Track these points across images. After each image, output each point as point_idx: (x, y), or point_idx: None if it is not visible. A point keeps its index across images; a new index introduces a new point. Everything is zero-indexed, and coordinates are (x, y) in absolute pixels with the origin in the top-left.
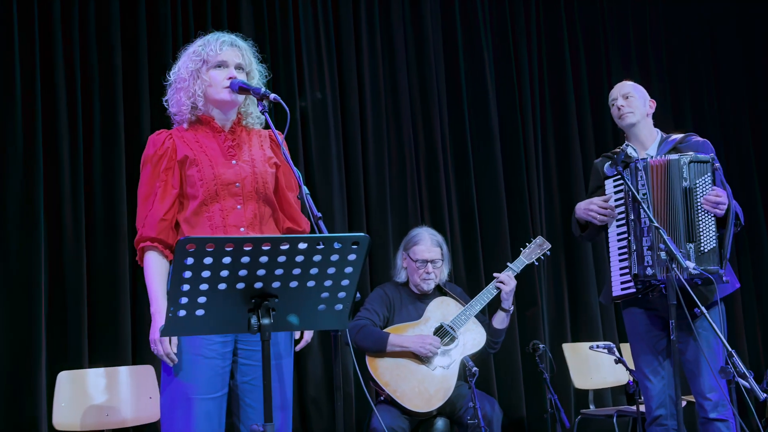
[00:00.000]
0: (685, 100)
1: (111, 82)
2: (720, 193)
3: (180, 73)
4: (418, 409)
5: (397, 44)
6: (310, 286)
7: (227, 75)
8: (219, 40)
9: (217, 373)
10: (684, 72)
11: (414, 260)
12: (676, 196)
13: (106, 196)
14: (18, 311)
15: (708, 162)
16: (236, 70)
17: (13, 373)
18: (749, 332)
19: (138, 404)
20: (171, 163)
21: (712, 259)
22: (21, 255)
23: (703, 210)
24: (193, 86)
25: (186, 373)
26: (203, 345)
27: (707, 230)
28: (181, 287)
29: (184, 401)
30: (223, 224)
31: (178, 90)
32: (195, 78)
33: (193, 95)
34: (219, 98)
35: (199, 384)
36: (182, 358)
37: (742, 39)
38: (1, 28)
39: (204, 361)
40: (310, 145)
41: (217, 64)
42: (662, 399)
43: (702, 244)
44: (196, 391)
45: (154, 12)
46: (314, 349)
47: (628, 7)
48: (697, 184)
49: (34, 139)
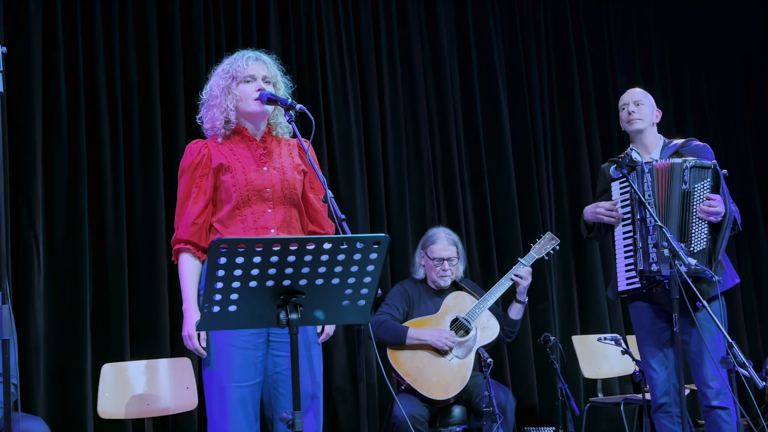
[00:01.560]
0: (686, 104)
1: (149, 96)
2: (714, 204)
3: (212, 91)
4: (436, 397)
5: (415, 57)
6: (335, 283)
7: (256, 87)
8: (245, 56)
9: (250, 362)
10: (685, 77)
11: (431, 258)
12: (674, 197)
13: (145, 200)
14: (65, 309)
15: (709, 168)
16: (263, 82)
17: (61, 366)
18: (749, 325)
19: (176, 394)
20: (206, 170)
21: (701, 259)
22: (67, 256)
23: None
24: (225, 102)
25: (220, 363)
26: (236, 336)
27: (699, 233)
28: (215, 285)
29: (220, 389)
30: (255, 226)
31: (211, 107)
32: (226, 94)
33: (225, 110)
34: (250, 110)
35: (233, 373)
36: (217, 350)
37: (740, 44)
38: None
39: (237, 351)
40: (334, 152)
41: (246, 78)
42: (666, 387)
43: (692, 245)
44: (230, 379)
45: (188, 32)
46: (339, 342)
47: (632, 18)
48: (696, 188)
49: (79, 148)
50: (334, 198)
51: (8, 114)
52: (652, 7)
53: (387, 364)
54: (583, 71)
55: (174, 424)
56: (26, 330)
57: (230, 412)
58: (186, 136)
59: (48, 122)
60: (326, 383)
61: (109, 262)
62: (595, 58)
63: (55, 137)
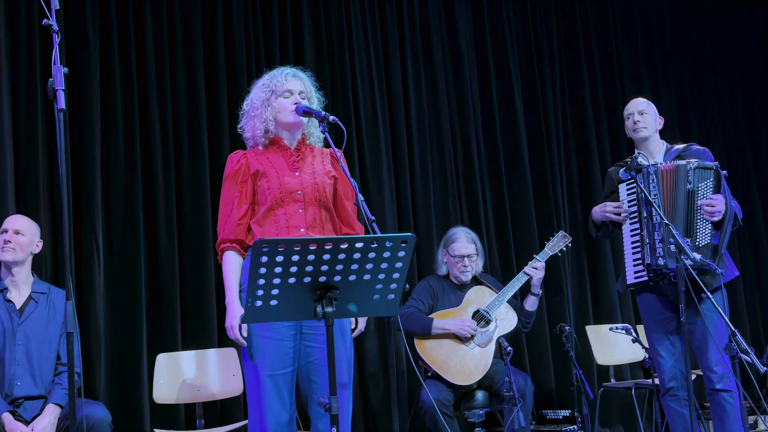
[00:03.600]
0: (689, 108)
1: (196, 111)
2: (715, 204)
3: (253, 103)
4: (460, 383)
5: (438, 72)
6: (366, 279)
7: (293, 101)
8: (284, 72)
9: (285, 353)
10: (687, 83)
11: (453, 256)
12: (680, 196)
13: (193, 205)
14: (122, 304)
15: (711, 169)
16: (299, 96)
17: (119, 356)
18: (750, 314)
19: (224, 381)
20: (245, 177)
21: (706, 253)
22: (124, 257)
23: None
24: (264, 113)
25: (257, 353)
26: (271, 328)
27: (703, 228)
28: (257, 281)
29: (257, 377)
30: (287, 225)
31: (252, 117)
32: (266, 106)
33: (265, 120)
34: (287, 121)
35: (268, 362)
36: (254, 341)
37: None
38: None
39: (272, 343)
40: (364, 159)
41: (284, 92)
42: (674, 373)
43: (697, 240)
44: (266, 368)
45: (231, 51)
46: (371, 333)
47: (637, 31)
48: (699, 187)
49: (134, 159)
50: (365, 201)
51: (70, 129)
52: (656, 19)
53: (414, 353)
54: (593, 81)
55: (222, 407)
56: (88, 324)
57: (266, 397)
58: (229, 147)
59: (105, 136)
60: (359, 370)
61: (161, 261)
62: (604, 69)
63: (112, 149)
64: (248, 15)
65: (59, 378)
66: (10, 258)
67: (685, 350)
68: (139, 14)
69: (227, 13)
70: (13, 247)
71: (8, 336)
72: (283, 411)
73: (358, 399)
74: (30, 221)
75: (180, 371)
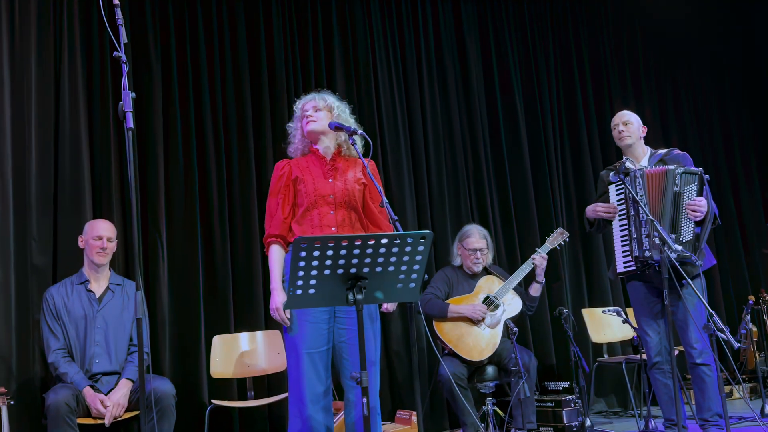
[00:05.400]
0: (669, 115)
1: (244, 128)
2: (698, 206)
3: (294, 123)
4: (473, 359)
5: (450, 91)
6: (391, 270)
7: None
8: (304, 97)
9: (320, 333)
10: (668, 94)
11: (466, 249)
12: (668, 197)
13: (243, 208)
14: (183, 293)
15: (696, 174)
16: (313, 111)
17: (181, 338)
18: (726, 299)
19: (270, 358)
20: (288, 182)
21: (687, 247)
22: (184, 253)
23: (685, 212)
24: (298, 132)
25: (297, 333)
26: (308, 313)
27: (687, 226)
28: (298, 273)
29: (296, 354)
30: (320, 224)
31: (293, 136)
32: (298, 126)
33: (300, 137)
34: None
35: (306, 341)
36: (294, 323)
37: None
38: (166, 90)
39: (309, 325)
40: (387, 166)
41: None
42: (659, 349)
43: (682, 236)
44: (304, 347)
45: (273, 73)
46: (395, 316)
47: (624, 51)
48: (685, 190)
49: (191, 169)
50: (389, 203)
51: (137, 145)
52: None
53: (433, 333)
54: (586, 96)
55: (268, 381)
56: (155, 310)
57: (304, 371)
58: (272, 158)
59: (167, 150)
60: (385, 349)
61: (216, 256)
62: (595, 84)
63: (172, 161)
64: (287, 44)
65: (131, 357)
66: (104, 262)
67: (669, 330)
68: (194, 46)
69: (269, 42)
70: (107, 253)
71: (89, 321)
72: (319, 383)
73: (385, 374)
74: (113, 227)
75: (233, 350)
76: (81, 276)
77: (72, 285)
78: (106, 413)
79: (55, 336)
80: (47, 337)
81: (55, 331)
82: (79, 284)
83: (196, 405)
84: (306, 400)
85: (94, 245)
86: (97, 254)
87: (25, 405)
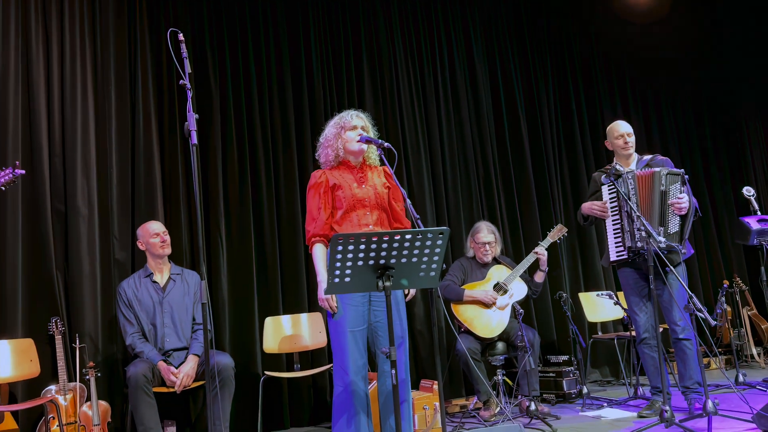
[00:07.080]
0: (653, 126)
1: (288, 140)
2: (682, 202)
3: (327, 136)
4: (485, 336)
5: (462, 107)
6: (414, 261)
7: (357, 133)
8: (350, 113)
9: (359, 314)
10: (651, 106)
11: (477, 243)
12: (655, 196)
13: (288, 210)
14: (240, 282)
15: (679, 174)
16: (361, 129)
17: (238, 319)
18: (704, 283)
19: (313, 336)
20: (326, 189)
21: (674, 238)
22: (240, 248)
23: (671, 207)
24: (336, 143)
25: (342, 315)
26: (350, 297)
27: (673, 220)
28: (336, 264)
29: (340, 332)
30: (359, 224)
31: (326, 147)
32: (337, 138)
33: (336, 149)
34: (353, 149)
35: (348, 321)
36: (340, 308)
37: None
38: (224, 110)
39: (351, 308)
40: (410, 172)
41: (351, 127)
42: (646, 327)
43: (668, 228)
44: (346, 325)
45: (312, 96)
46: (418, 300)
47: (613, 69)
48: (670, 188)
49: (245, 177)
50: (411, 204)
51: (200, 158)
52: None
53: (451, 314)
54: (580, 108)
55: (312, 355)
56: (216, 296)
57: (348, 346)
58: (312, 166)
59: (224, 162)
60: (411, 328)
61: (266, 251)
62: (588, 97)
63: (230, 171)
64: (324, 70)
65: (196, 335)
66: (168, 252)
67: (655, 310)
68: (246, 74)
69: (309, 68)
70: (168, 244)
71: (157, 306)
72: (360, 357)
73: (410, 350)
74: (161, 223)
75: (282, 329)
76: (146, 270)
77: (139, 278)
78: (177, 383)
79: (130, 322)
80: (123, 323)
81: (129, 318)
82: (145, 277)
83: (251, 376)
84: (349, 370)
85: (155, 242)
86: (161, 247)
87: (109, 376)
